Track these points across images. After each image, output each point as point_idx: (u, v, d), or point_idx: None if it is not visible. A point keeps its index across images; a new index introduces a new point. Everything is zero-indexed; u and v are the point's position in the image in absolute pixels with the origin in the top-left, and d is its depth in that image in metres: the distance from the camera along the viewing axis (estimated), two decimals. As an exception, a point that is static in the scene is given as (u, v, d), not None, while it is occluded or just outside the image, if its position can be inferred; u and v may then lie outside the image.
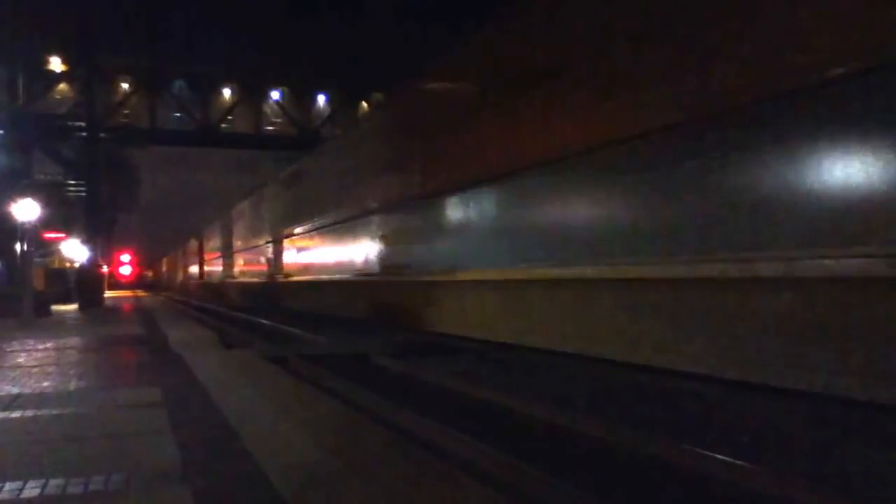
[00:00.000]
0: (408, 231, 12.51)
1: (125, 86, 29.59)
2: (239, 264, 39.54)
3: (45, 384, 6.62)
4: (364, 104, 31.77)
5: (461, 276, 10.02)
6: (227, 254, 41.43)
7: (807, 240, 4.96)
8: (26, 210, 17.74)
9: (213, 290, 43.56)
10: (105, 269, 38.72)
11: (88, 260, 26.25)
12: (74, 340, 11.74)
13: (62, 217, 27.60)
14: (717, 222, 5.70)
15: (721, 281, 5.68)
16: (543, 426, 5.23)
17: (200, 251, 51.01)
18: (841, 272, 4.73)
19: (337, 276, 16.55)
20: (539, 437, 5.04)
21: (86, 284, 25.26)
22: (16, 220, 18.33)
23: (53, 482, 3.43)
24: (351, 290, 15.64)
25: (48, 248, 29.71)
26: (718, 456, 4.01)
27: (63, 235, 28.51)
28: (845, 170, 4.77)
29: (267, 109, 32.09)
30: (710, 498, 3.78)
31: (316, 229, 19.64)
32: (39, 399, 5.81)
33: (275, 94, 31.79)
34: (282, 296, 24.07)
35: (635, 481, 4.02)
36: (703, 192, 5.86)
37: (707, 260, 5.75)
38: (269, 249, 28.57)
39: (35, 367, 8.03)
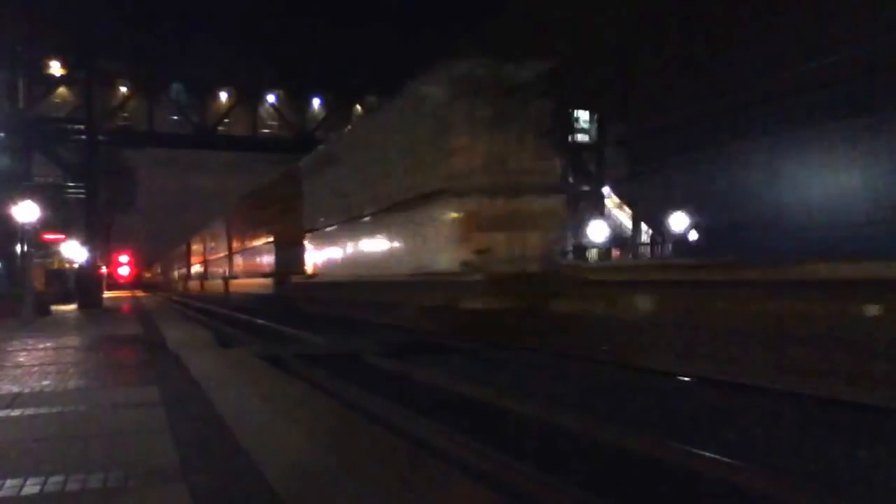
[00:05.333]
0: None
1: (124, 89, 29.73)
2: (232, 265, 38.60)
3: (45, 383, 6.68)
4: (357, 107, 31.99)
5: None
6: (222, 255, 40.84)
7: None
8: (26, 212, 17.83)
9: (209, 290, 43.33)
10: (104, 269, 38.75)
11: (87, 261, 26.30)
12: (74, 340, 11.78)
13: (62, 218, 27.66)
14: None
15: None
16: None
17: (197, 252, 50.62)
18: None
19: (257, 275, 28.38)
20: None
21: (85, 285, 25.30)
22: (16, 222, 18.41)
23: (53, 480, 3.49)
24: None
25: (48, 249, 29.77)
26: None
27: (63, 237, 28.57)
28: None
29: (263, 112, 32.24)
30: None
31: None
32: (39, 398, 5.88)
33: (270, 98, 31.97)
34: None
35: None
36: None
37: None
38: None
39: (35, 366, 8.09)
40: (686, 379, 7.29)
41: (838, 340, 6.46)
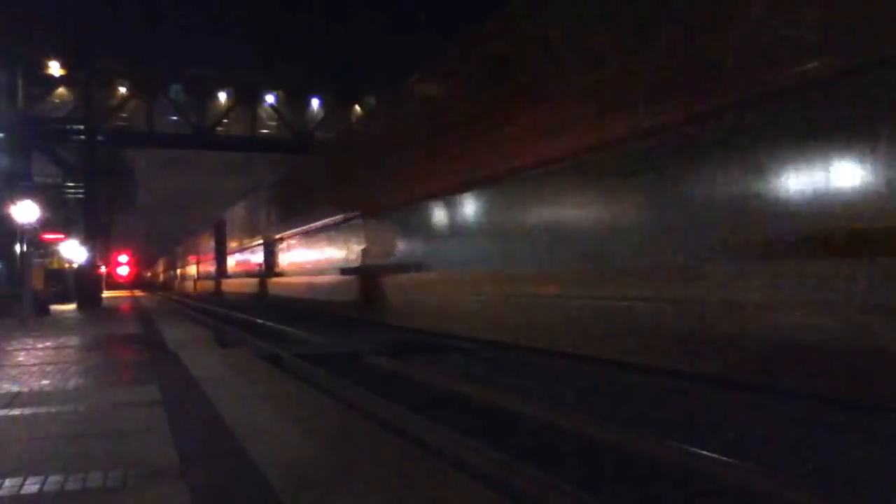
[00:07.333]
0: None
1: (123, 90, 29.75)
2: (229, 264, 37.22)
3: (45, 382, 6.68)
4: (356, 107, 32.04)
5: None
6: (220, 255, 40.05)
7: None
8: (26, 212, 17.83)
9: (209, 289, 43.15)
10: (103, 269, 38.76)
11: (87, 260, 26.33)
12: (73, 339, 11.79)
13: (61, 218, 27.73)
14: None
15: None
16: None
17: (195, 251, 50.35)
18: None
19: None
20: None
21: (84, 284, 25.34)
22: (16, 222, 18.42)
23: (52, 479, 3.47)
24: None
25: (47, 249, 29.79)
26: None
27: (62, 236, 28.60)
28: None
29: (262, 113, 32.28)
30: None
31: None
32: (39, 397, 5.88)
33: (269, 98, 32.00)
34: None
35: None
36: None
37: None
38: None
39: (34, 365, 8.09)
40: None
41: None
